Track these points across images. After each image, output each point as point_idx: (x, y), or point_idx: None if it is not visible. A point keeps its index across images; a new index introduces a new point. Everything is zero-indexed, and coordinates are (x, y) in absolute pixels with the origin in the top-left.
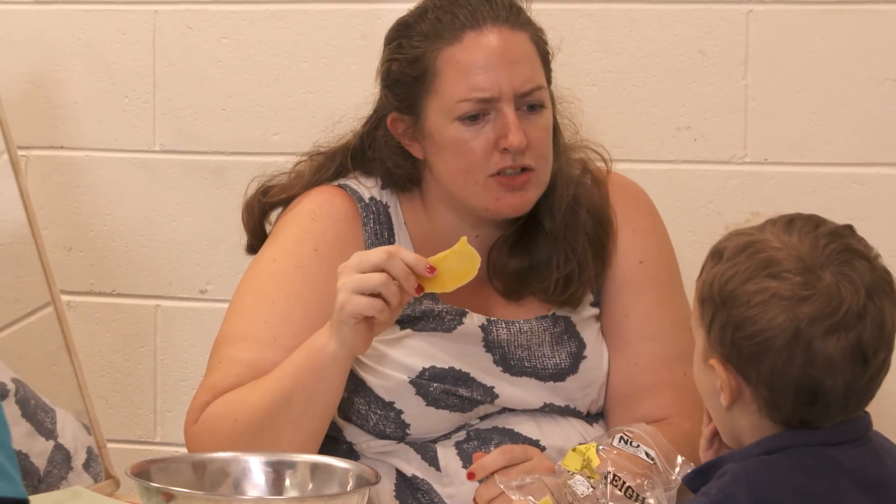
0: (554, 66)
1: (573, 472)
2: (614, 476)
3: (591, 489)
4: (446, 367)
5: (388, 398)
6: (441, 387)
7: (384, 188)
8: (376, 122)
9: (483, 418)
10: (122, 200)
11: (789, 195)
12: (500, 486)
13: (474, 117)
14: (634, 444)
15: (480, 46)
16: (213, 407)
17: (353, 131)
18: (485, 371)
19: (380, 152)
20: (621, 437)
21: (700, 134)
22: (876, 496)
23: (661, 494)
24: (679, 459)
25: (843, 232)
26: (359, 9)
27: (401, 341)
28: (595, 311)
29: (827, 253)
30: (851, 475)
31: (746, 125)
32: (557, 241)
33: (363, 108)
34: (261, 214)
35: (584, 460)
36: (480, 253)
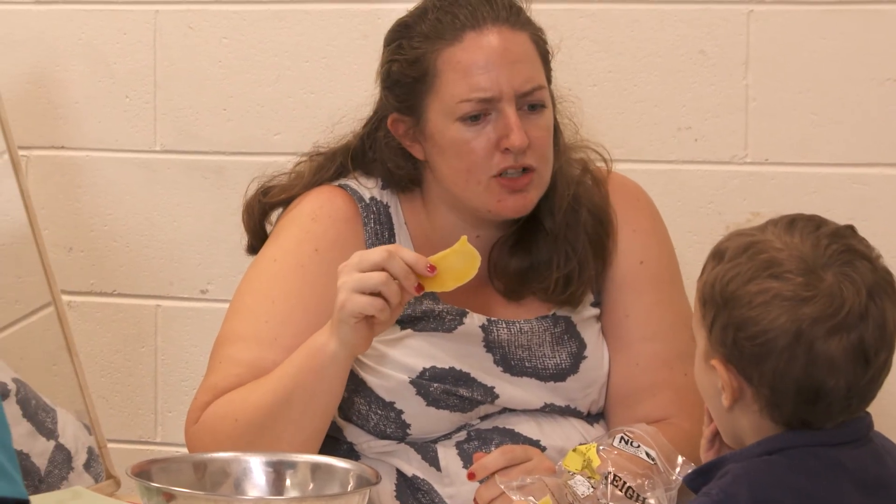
0: (554, 65)
1: (574, 473)
2: (615, 476)
3: (591, 489)
4: (447, 368)
5: (388, 398)
6: (441, 387)
7: (384, 188)
8: (377, 123)
9: (483, 418)
10: (123, 200)
11: (790, 195)
12: (501, 486)
13: (475, 117)
14: (635, 444)
15: (481, 46)
16: (214, 407)
17: (353, 132)
18: (485, 371)
19: (380, 153)
20: (622, 438)
21: (701, 134)
22: (877, 496)
23: (662, 495)
24: (680, 460)
25: (844, 232)
26: (359, 9)
27: (401, 341)
28: (595, 311)
29: (828, 254)
30: (853, 476)
31: (747, 125)
32: (558, 241)
33: (364, 108)
34: (261, 215)
35: (584, 460)
36: (481, 253)
